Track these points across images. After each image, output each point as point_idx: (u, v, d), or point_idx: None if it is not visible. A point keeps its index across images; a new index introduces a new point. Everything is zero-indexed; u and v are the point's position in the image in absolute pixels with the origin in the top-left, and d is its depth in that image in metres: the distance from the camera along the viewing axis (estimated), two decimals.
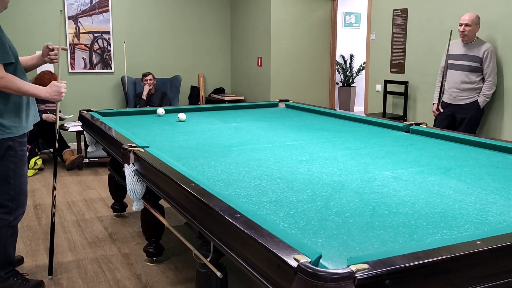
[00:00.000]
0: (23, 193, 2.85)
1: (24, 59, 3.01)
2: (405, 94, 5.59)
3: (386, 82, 5.83)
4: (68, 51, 6.81)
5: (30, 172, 5.49)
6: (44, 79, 5.71)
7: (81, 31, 6.84)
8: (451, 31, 4.64)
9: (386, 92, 5.84)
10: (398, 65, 5.73)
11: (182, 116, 3.93)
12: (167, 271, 3.18)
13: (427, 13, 5.30)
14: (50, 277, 3.09)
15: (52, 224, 3.13)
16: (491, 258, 1.40)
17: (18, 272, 2.92)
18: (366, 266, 1.25)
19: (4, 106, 2.70)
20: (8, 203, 2.77)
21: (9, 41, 2.76)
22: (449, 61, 4.66)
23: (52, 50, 2.98)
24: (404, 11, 5.57)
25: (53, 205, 3.13)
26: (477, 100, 4.49)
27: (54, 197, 3.13)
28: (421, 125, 3.41)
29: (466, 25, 4.43)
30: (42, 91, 2.83)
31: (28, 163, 5.42)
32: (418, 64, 5.46)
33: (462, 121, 4.58)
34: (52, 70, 6.26)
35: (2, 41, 2.61)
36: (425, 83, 5.37)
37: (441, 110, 4.74)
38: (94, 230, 3.90)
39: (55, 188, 3.13)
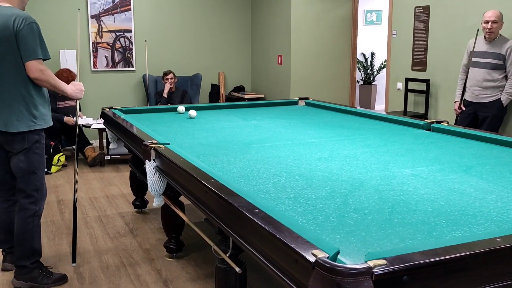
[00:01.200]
0: (45, 184, 3.01)
1: None
2: (426, 92, 5.53)
3: (407, 80, 5.78)
4: (91, 49, 6.92)
5: (53, 169, 5.59)
6: (61, 77, 5.84)
7: (103, 29, 6.94)
8: (478, 30, 4.56)
9: (407, 90, 5.79)
10: (419, 63, 5.68)
11: (192, 113, 3.98)
12: (187, 266, 3.22)
13: (450, 10, 5.23)
14: (74, 264, 3.18)
15: (75, 209, 3.25)
16: (511, 255, 1.39)
17: (43, 265, 3.01)
18: (384, 262, 1.25)
19: (37, 99, 2.86)
20: (34, 193, 2.90)
21: None
22: (472, 59, 4.59)
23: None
24: (426, 8, 5.51)
25: (75, 189, 3.33)
26: (500, 98, 4.43)
27: (76, 182, 3.37)
28: (442, 123, 3.38)
29: (494, 22, 4.35)
30: (68, 88, 3.00)
31: (52, 159, 5.56)
32: (440, 61, 5.40)
33: (484, 119, 4.51)
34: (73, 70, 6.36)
35: (42, 39, 2.82)
36: (448, 80, 5.30)
37: (463, 109, 4.68)
38: (116, 226, 3.96)
39: (76, 182, 3.21)
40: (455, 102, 4.82)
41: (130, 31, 7.07)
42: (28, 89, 2.81)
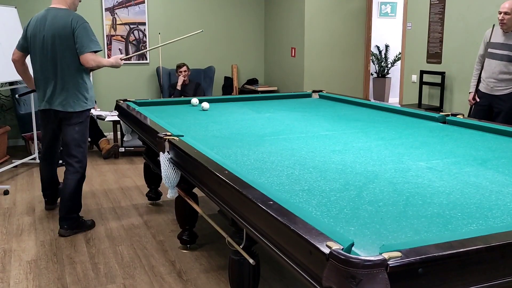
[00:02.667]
0: None
1: None
2: (441, 85, 5.48)
3: (422, 72, 5.73)
4: (105, 42, 6.95)
5: None
6: None
7: (117, 22, 6.97)
8: (494, 25, 4.49)
9: (422, 82, 5.74)
10: (435, 55, 5.62)
11: (205, 105, 3.99)
12: (200, 258, 3.24)
13: (466, 1, 5.16)
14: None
15: None
16: None
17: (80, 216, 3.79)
18: (399, 254, 1.25)
19: (88, 84, 3.63)
20: (83, 159, 3.67)
21: None
22: (488, 50, 4.53)
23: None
24: (442, 0, 5.44)
25: None
26: None
27: None
28: (458, 116, 3.35)
29: (506, 13, 4.28)
30: (110, 61, 3.75)
31: None
32: (456, 54, 5.34)
33: (499, 112, 4.44)
34: None
35: (93, 34, 3.53)
36: (463, 73, 5.24)
37: (477, 100, 4.62)
38: (130, 217, 3.99)
39: None
40: (469, 92, 4.75)
41: (144, 23, 7.09)
42: (82, 76, 3.57)
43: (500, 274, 1.35)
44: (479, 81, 4.61)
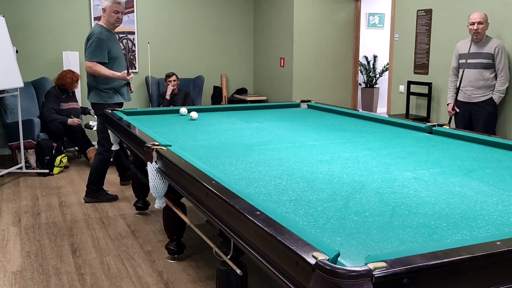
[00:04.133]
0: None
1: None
2: (428, 95, 5.54)
3: (409, 83, 5.78)
4: None
5: (55, 170, 5.61)
6: (66, 78, 5.92)
7: None
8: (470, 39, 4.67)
9: (409, 93, 5.79)
10: (421, 66, 5.68)
11: (194, 114, 3.99)
12: (188, 268, 3.22)
13: (452, 13, 5.24)
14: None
15: None
16: (511, 259, 1.39)
17: (103, 189, 4.65)
18: (384, 264, 1.26)
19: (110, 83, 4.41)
20: (107, 145, 4.41)
21: (114, 46, 4.43)
22: (461, 61, 4.73)
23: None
24: (429, 12, 5.52)
25: None
26: (492, 97, 4.55)
27: None
28: (444, 126, 3.38)
29: (479, 23, 4.53)
30: (114, 73, 4.36)
31: (54, 161, 5.58)
32: (442, 65, 5.40)
33: (478, 119, 4.61)
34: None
35: (99, 47, 4.26)
36: None
37: (457, 110, 4.76)
38: (117, 227, 3.97)
39: None
40: (447, 104, 4.92)
41: (133, 33, 7.09)
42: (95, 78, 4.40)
43: (484, 284, 1.36)
44: (457, 92, 4.74)
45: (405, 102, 5.83)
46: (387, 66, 8.13)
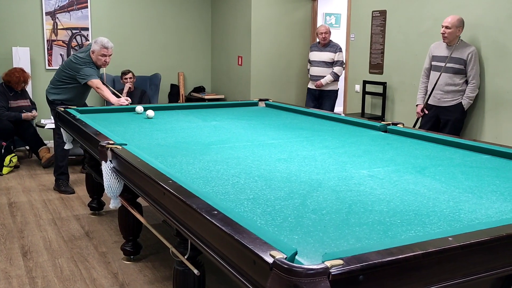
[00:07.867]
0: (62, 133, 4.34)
1: None
2: (383, 95, 5.66)
3: (365, 82, 5.89)
4: (45, 47, 6.73)
5: (5, 170, 5.40)
6: (13, 76, 5.68)
7: (59, 27, 6.76)
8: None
9: (364, 92, 5.90)
10: (376, 66, 5.80)
11: (150, 113, 3.93)
12: (144, 269, 3.17)
13: (405, 14, 5.37)
14: None
15: None
16: (462, 254, 1.43)
17: (67, 178, 4.82)
18: (340, 262, 1.27)
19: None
20: (60, 132, 4.30)
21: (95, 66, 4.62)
22: (433, 63, 4.69)
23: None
24: (383, 13, 5.63)
25: None
26: (461, 102, 4.52)
27: None
28: (398, 125, 3.46)
29: (446, 27, 4.43)
30: (116, 103, 4.51)
31: (3, 160, 5.37)
32: (396, 65, 5.53)
33: (446, 123, 4.58)
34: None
35: (93, 68, 4.57)
36: (403, 84, 5.44)
37: (426, 112, 4.73)
38: (71, 229, 3.86)
39: None
40: (417, 105, 4.87)
41: (87, 29, 6.91)
42: None
43: (436, 280, 1.39)
44: (427, 93, 4.74)
45: (361, 101, 5.94)
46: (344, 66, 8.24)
